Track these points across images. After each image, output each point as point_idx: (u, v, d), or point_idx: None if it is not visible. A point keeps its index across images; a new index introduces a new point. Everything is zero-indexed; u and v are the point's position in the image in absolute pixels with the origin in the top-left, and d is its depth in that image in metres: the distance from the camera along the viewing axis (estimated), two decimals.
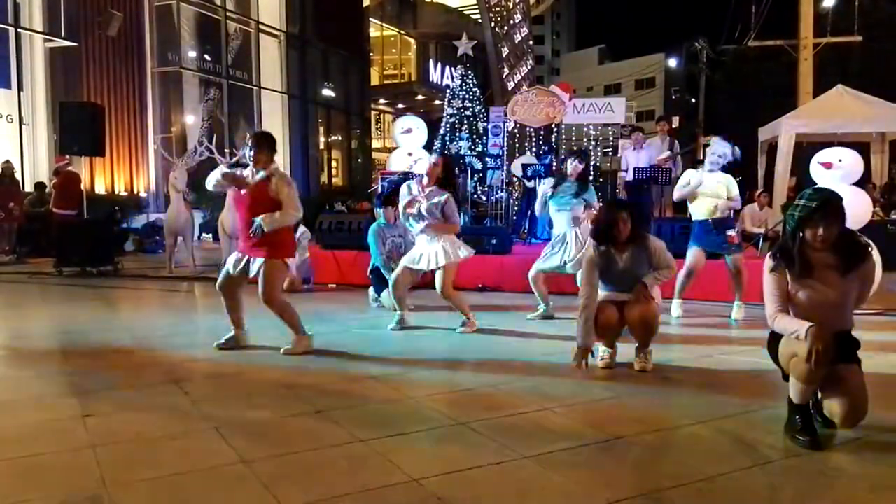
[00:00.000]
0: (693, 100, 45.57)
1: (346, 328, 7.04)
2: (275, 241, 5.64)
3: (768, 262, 3.79)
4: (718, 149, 7.46)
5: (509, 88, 39.58)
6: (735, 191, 7.51)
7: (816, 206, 3.59)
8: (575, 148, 16.46)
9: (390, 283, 6.95)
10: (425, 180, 6.76)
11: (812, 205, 3.60)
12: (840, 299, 3.75)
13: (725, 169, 7.53)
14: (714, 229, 7.39)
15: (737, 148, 7.56)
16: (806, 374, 3.57)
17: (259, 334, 6.14)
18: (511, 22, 46.57)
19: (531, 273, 7.49)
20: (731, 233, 7.42)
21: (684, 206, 8.03)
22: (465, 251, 6.80)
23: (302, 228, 9.44)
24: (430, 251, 6.71)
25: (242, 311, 5.99)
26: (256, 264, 5.68)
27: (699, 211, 7.49)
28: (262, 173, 5.63)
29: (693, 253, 7.51)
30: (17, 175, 15.54)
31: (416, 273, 6.92)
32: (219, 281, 5.96)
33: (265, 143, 5.72)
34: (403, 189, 6.91)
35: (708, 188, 7.43)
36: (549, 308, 7.48)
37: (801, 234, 3.66)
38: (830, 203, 3.61)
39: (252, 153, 5.66)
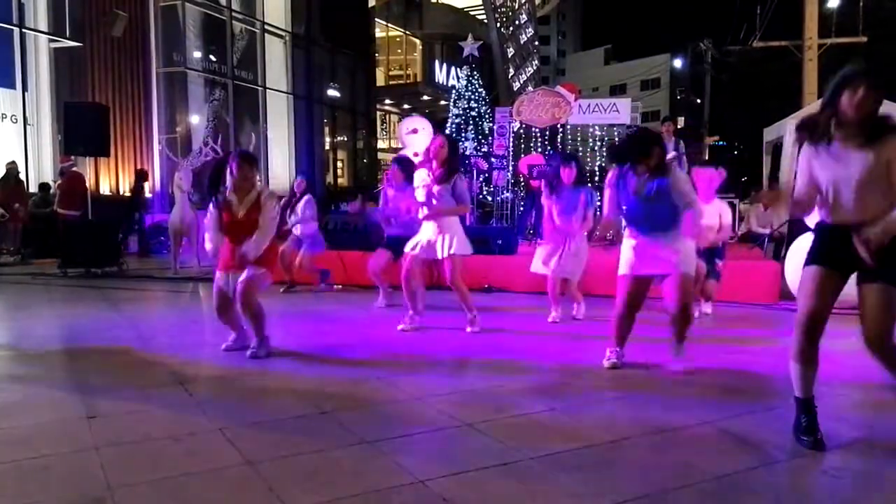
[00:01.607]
0: (698, 100, 45.51)
1: (352, 329, 7.03)
2: (262, 257, 5.59)
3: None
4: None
5: (515, 89, 39.66)
6: (728, 218, 7.39)
7: (861, 69, 3.53)
8: (569, 152, 16.48)
9: (402, 277, 6.84)
10: (434, 164, 6.66)
11: (857, 68, 3.55)
12: (864, 176, 3.52)
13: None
14: (701, 256, 7.23)
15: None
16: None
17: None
18: (517, 22, 46.65)
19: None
20: (719, 262, 7.37)
21: None
22: (469, 247, 6.80)
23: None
24: (440, 238, 6.63)
25: (237, 316, 5.92)
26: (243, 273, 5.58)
27: None
28: (251, 195, 5.58)
29: None
30: (22, 176, 15.58)
31: (426, 261, 6.91)
32: (216, 304, 5.76)
33: (255, 166, 5.66)
34: (418, 177, 6.88)
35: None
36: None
37: (837, 99, 3.53)
38: (872, 73, 3.53)
39: (235, 177, 5.54)
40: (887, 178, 3.48)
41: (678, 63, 55.72)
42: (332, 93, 28.60)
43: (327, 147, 29.35)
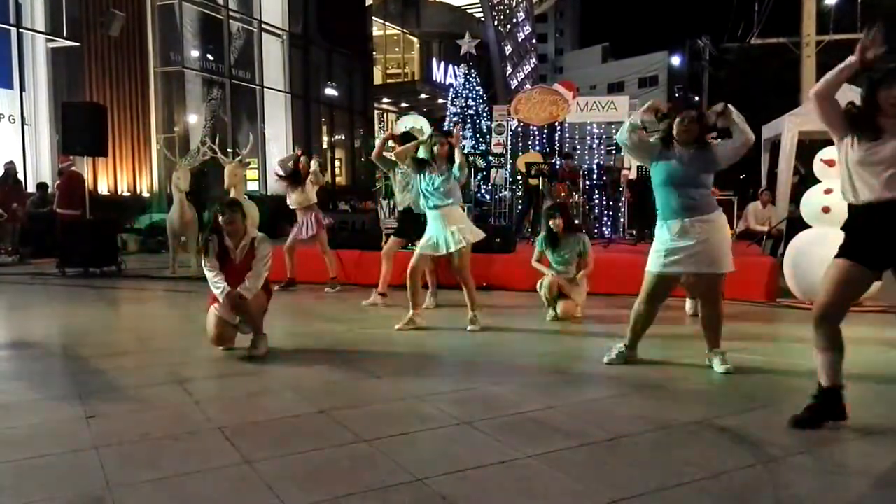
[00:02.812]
0: (696, 98, 45.52)
1: (351, 328, 7.03)
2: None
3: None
4: None
5: (512, 87, 39.59)
6: None
7: (892, 68, 3.67)
8: (566, 150, 16.51)
9: (408, 271, 6.84)
10: (438, 160, 6.78)
11: (888, 66, 3.69)
12: None
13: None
14: None
15: None
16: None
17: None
18: (514, 20, 46.58)
19: None
20: None
21: None
22: (478, 232, 6.91)
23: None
24: (446, 233, 6.69)
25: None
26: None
27: None
28: (244, 243, 5.64)
29: None
30: (20, 176, 15.57)
31: (434, 259, 7.06)
32: (216, 335, 5.68)
33: (239, 212, 5.68)
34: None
35: None
36: None
37: (874, 98, 3.71)
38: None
39: (229, 224, 5.58)
40: None
41: (676, 60, 55.78)
42: (330, 92, 28.58)
43: (325, 146, 29.33)
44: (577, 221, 13.82)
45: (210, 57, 23.05)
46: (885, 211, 3.67)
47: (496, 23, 42.17)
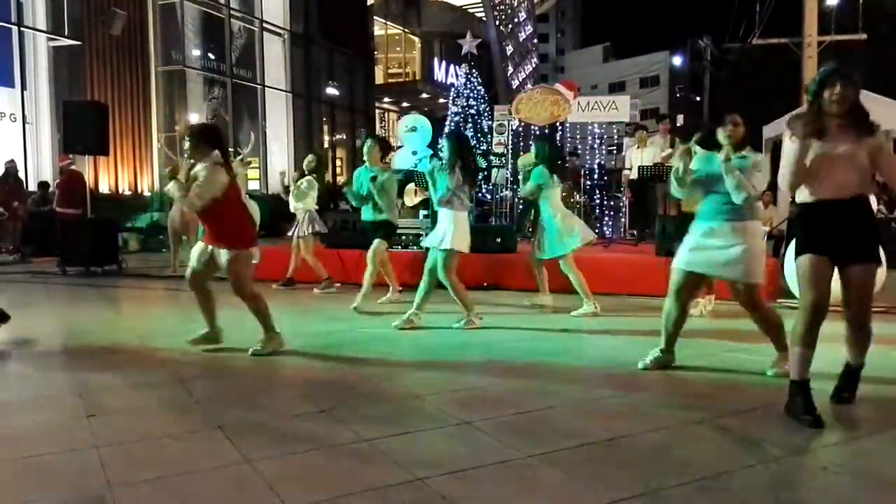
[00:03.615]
0: (697, 98, 45.54)
1: (351, 327, 7.03)
2: (230, 233, 5.62)
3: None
4: None
5: (514, 86, 39.60)
6: None
7: (833, 68, 4.06)
8: (568, 150, 16.48)
9: (442, 276, 6.90)
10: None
11: (829, 68, 4.07)
12: (849, 155, 3.99)
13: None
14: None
15: None
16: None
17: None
18: (515, 20, 46.60)
19: None
20: None
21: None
22: (465, 244, 6.86)
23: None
24: (439, 230, 6.83)
25: (214, 306, 5.95)
26: (222, 257, 5.63)
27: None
28: (199, 166, 5.60)
29: None
30: (21, 174, 15.57)
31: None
32: (187, 278, 5.92)
33: (201, 138, 5.70)
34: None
35: None
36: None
37: (820, 98, 4.01)
38: (844, 68, 4.07)
39: (188, 147, 5.68)
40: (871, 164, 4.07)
41: (677, 60, 55.80)
42: (331, 91, 28.56)
43: (326, 145, 29.32)
44: None
45: (211, 56, 23.04)
46: (835, 209, 4.03)
47: (497, 22, 42.18)
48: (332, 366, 5.45)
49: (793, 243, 7.34)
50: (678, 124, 17.61)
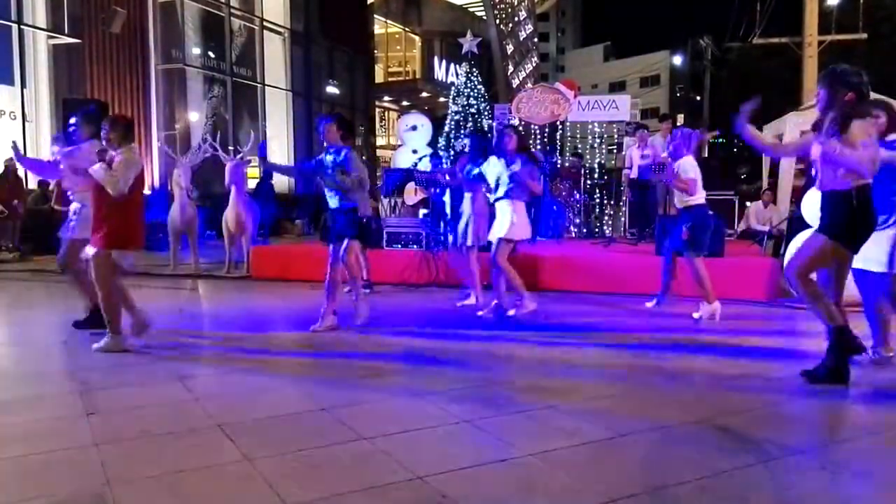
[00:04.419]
0: (698, 97, 45.54)
1: (351, 326, 7.02)
2: (107, 229, 5.65)
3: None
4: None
5: (514, 86, 39.62)
6: (690, 174, 7.25)
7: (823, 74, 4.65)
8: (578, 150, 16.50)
9: (502, 266, 7.16)
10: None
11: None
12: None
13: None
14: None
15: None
16: None
17: (261, 335, 6.13)
18: (516, 19, 46.60)
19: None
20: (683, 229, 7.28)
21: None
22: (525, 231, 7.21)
23: None
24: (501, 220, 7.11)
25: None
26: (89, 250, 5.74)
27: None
28: (118, 152, 5.67)
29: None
30: (20, 172, 15.55)
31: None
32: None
33: (119, 128, 5.78)
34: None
35: None
36: None
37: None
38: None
39: (104, 134, 5.76)
40: None
41: (678, 60, 55.79)
42: (331, 90, 28.59)
43: (325, 144, 29.30)
44: (577, 220, 13.88)
45: (211, 54, 23.05)
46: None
47: (498, 21, 42.20)
48: (331, 364, 5.45)
49: (793, 244, 7.31)
50: (678, 124, 17.60)
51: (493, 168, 7.17)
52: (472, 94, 20.32)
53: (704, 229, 7.18)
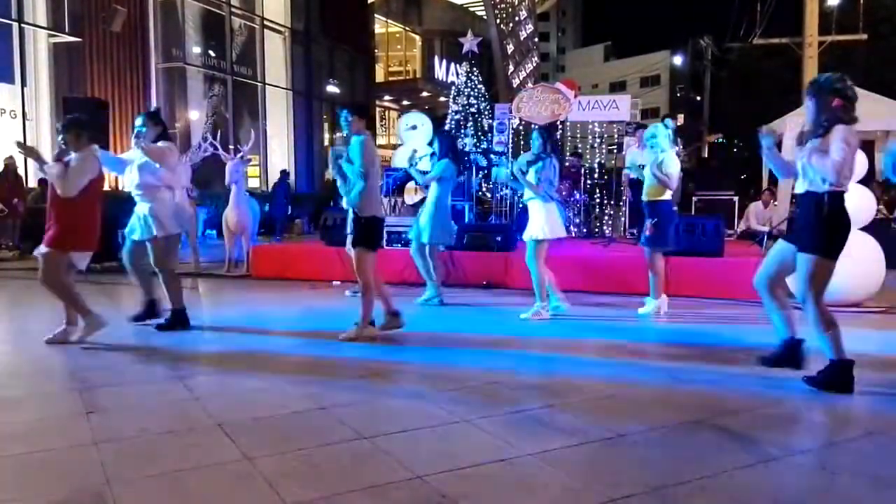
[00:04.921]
0: (698, 97, 45.56)
1: (349, 325, 7.02)
2: (57, 230, 5.75)
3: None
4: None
5: (514, 85, 39.61)
6: (668, 168, 7.28)
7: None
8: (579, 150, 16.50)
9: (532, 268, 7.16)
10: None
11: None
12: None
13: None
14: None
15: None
16: None
17: (261, 334, 6.13)
18: (516, 19, 46.59)
19: None
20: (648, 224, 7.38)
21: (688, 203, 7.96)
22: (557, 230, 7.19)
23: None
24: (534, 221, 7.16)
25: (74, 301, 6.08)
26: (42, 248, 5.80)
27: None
28: (73, 155, 5.81)
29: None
30: (21, 171, 15.56)
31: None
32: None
33: (73, 131, 5.86)
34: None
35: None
36: None
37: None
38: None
39: (67, 143, 5.84)
40: None
41: (678, 60, 55.79)
42: (332, 89, 28.58)
43: (326, 143, 29.31)
44: (577, 220, 13.87)
45: (212, 53, 23.05)
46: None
47: (498, 21, 42.17)
48: (331, 363, 5.44)
49: None
50: (679, 124, 17.59)
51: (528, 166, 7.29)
52: (472, 93, 20.33)
53: (668, 226, 7.28)
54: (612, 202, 14.36)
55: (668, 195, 7.27)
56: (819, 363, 4.62)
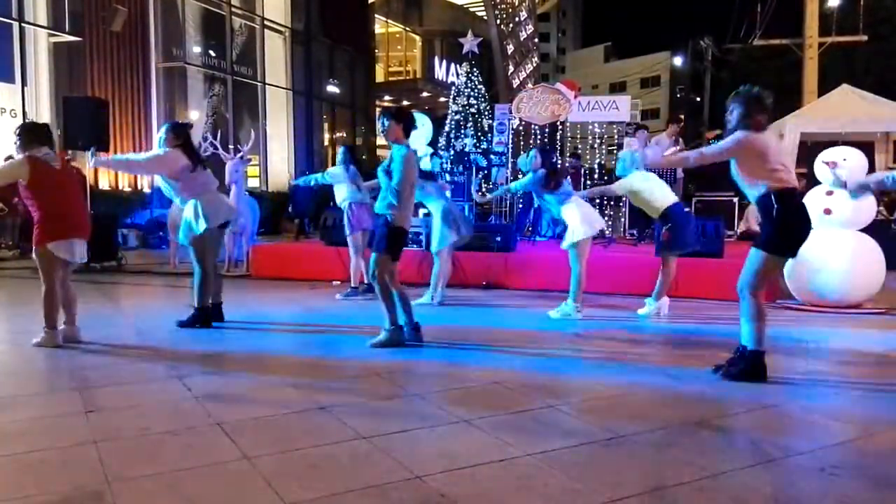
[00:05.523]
0: (698, 98, 45.52)
1: (350, 325, 7.02)
2: (38, 228, 5.84)
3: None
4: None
5: (514, 86, 39.61)
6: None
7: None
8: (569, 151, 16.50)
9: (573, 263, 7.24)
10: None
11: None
12: None
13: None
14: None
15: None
16: None
17: (261, 334, 6.13)
18: (516, 19, 46.59)
19: None
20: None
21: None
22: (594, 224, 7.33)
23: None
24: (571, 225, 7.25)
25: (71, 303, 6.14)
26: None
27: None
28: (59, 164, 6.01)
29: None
30: None
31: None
32: None
33: (18, 134, 5.96)
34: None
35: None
36: None
37: None
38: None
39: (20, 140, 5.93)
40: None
41: (678, 61, 55.78)
42: (332, 89, 28.56)
43: (326, 143, 29.31)
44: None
45: (212, 53, 23.03)
46: None
47: (498, 21, 42.17)
48: (331, 363, 5.45)
49: None
50: (680, 125, 17.58)
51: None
52: (472, 93, 20.32)
53: (685, 227, 7.40)
54: (612, 203, 14.36)
55: (669, 200, 7.26)
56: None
